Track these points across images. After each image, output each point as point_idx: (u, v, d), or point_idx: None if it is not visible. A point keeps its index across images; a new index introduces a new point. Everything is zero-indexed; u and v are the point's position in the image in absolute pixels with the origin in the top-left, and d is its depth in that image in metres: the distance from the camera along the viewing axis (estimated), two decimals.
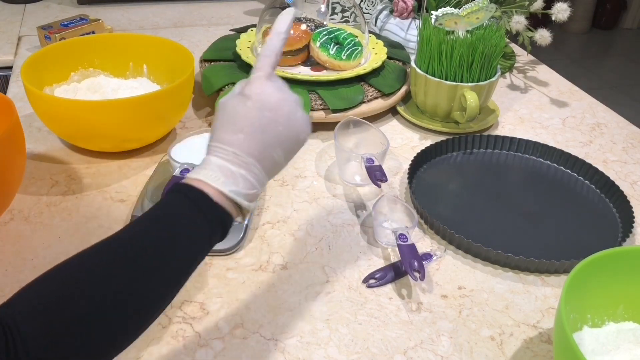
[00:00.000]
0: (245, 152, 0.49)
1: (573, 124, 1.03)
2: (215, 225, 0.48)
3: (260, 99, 0.51)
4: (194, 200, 0.47)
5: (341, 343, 0.59)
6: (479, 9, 0.90)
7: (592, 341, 0.56)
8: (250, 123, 0.50)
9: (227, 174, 0.48)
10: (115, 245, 0.44)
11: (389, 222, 0.74)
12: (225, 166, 0.48)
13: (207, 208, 0.47)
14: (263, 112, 0.50)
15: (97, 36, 1.04)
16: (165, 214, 0.47)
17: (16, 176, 0.69)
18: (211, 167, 0.48)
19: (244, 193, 0.49)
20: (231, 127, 0.50)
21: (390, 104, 0.99)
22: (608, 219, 0.78)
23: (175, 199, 0.48)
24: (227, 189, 0.48)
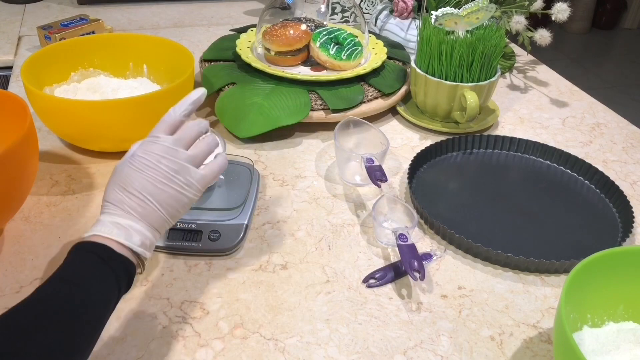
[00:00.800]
0: (127, 207, 0.53)
1: (573, 124, 1.03)
2: (121, 274, 0.51)
3: (141, 160, 0.55)
4: (97, 254, 0.50)
5: (341, 343, 0.59)
6: (479, 9, 0.90)
7: (592, 341, 0.56)
8: (131, 182, 0.53)
9: (119, 227, 0.52)
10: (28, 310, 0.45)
11: (389, 222, 0.74)
12: (115, 221, 0.52)
13: (111, 259, 0.50)
14: (141, 173, 0.54)
15: (97, 36, 1.04)
16: (73, 271, 0.49)
17: (30, 178, 0.69)
18: (104, 224, 0.52)
19: (137, 242, 0.52)
20: (117, 186, 0.54)
21: (390, 104, 0.99)
22: (608, 219, 0.78)
23: (80, 255, 0.50)
24: (123, 239, 0.51)
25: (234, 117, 0.90)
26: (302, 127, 0.94)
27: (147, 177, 0.54)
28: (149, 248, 0.54)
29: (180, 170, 0.55)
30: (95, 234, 0.51)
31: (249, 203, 0.73)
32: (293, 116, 0.90)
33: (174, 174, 0.55)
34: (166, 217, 0.55)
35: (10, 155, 0.62)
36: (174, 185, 0.55)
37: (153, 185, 0.54)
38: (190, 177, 0.56)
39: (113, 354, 0.57)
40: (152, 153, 0.55)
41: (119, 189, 0.54)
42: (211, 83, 0.96)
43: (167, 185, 0.54)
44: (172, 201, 0.55)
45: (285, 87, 0.95)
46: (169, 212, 0.55)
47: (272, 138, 0.92)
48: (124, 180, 0.54)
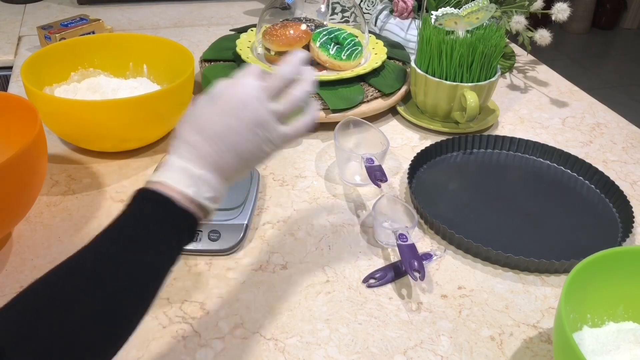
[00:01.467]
0: (204, 153, 0.49)
1: (573, 124, 1.03)
2: (184, 230, 0.48)
3: (227, 105, 0.50)
4: (162, 207, 0.47)
5: (341, 343, 0.59)
6: (479, 9, 0.90)
7: (592, 341, 0.56)
8: (211, 126, 0.49)
9: (190, 177, 0.48)
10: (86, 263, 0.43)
11: (389, 222, 0.74)
12: (187, 167, 0.48)
13: (175, 214, 0.47)
14: (224, 119, 0.50)
15: (97, 36, 1.04)
16: (133, 224, 0.46)
17: (39, 182, 0.69)
18: (173, 169, 0.48)
19: (205, 196, 0.48)
20: (194, 128, 0.50)
21: (390, 104, 0.99)
22: (608, 219, 0.78)
23: (140, 205, 0.47)
24: (191, 192, 0.47)
25: None
26: None
27: (229, 124, 0.50)
28: (217, 201, 0.50)
29: (263, 124, 0.51)
30: (162, 182, 0.47)
31: (249, 203, 0.73)
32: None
33: (255, 127, 0.50)
34: (239, 169, 0.51)
35: (19, 159, 0.62)
36: (254, 138, 0.50)
37: (233, 134, 0.50)
38: (272, 132, 0.51)
39: None
40: (237, 97, 0.50)
41: (196, 131, 0.49)
42: (211, 83, 0.96)
43: (247, 138, 0.50)
44: (248, 154, 0.51)
45: None
46: (242, 165, 0.51)
47: None
48: (202, 122, 0.50)
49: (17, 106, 0.72)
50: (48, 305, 0.40)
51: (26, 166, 0.64)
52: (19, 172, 0.62)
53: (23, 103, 0.71)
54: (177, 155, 0.49)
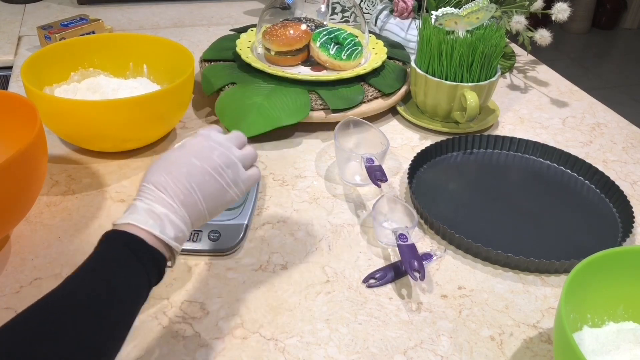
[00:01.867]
0: (170, 193, 0.51)
1: (573, 124, 1.03)
2: (152, 267, 0.49)
3: (193, 148, 0.53)
4: (128, 245, 0.48)
5: (341, 343, 0.59)
6: (479, 9, 0.90)
7: (592, 341, 0.56)
8: (178, 167, 0.52)
9: (154, 217, 0.49)
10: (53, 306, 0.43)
11: (389, 222, 0.74)
12: (152, 209, 0.50)
13: (142, 252, 0.48)
14: (191, 159, 0.52)
15: (97, 36, 1.04)
16: (103, 264, 0.47)
17: (39, 182, 0.68)
18: (139, 212, 0.49)
19: (170, 235, 0.50)
20: (162, 170, 0.52)
21: (390, 104, 0.99)
22: (608, 219, 0.78)
23: (110, 247, 0.48)
24: (157, 231, 0.49)
25: (234, 117, 0.90)
26: (302, 127, 0.94)
27: (197, 166, 0.52)
28: (181, 241, 0.51)
29: (232, 165, 0.54)
30: (128, 223, 0.49)
31: (249, 203, 0.73)
32: (293, 116, 0.90)
33: (225, 168, 0.53)
34: (205, 213, 0.53)
35: (19, 160, 0.61)
36: (222, 180, 0.53)
37: (201, 175, 0.52)
38: (238, 175, 0.55)
39: None
40: (206, 143, 0.53)
41: (165, 172, 0.51)
42: (211, 83, 0.96)
43: (215, 178, 0.52)
44: (216, 196, 0.53)
45: (285, 87, 0.95)
46: (209, 208, 0.53)
47: (272, 138, 0.92)
48: (171, 165, 0.52)
49: (17, 105, 0.72)
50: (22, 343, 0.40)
51: (26, 166, 0.64)
52: (18, 172, 0.62)
53: (23, 102, 0.71)
54: (141, 199, 0.51)
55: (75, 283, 0.45)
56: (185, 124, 0.95)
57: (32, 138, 0.63)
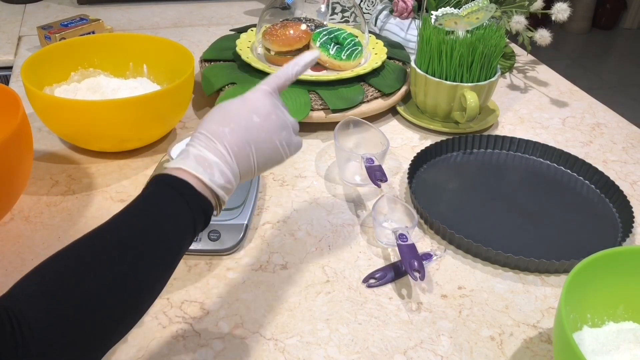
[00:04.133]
0: (225, 143, 0.51)
1: (573, 124, 1.03)
2: (199, 213, 0.49)
3: (255, 104, 0.54)
4: (177, 189, 0.48)
5: (341, 343, 0.59)
6: (479, 9, 0.90)
7: (592, 341, 0.56)
8: (237, 120, 0.52)
9: (205, 165, 0.49)
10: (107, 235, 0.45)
11: (389, 222, 0.74)
12: (203, 156, 0.50)
13: (190, 197, 0.48)
14: (252, 116, 0.53)
15: (97, 36, 1.04)
16: (152, 203, 0.48)
17: (24, 175, 0.68)
18: (190, 158, 0.50)
19: (219, 183, 0.50)
20: (220, 120, 0.52)
21: (390, 104, 0.99)
22: (608, 219, 0.78)
23: (159, 189, 0.48)
24: (207, 178, 0.49)
25: None
26: (302, 127, 0.93)
27: (256, 122, 0.53)
28: (228, 192, 0.51)
29: (286, 128, 0.55)
30: (179, 167, 0.49)
31: (249, 203, 0.73)
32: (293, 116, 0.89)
33: (281, 129, 0.54)
34: (255, 168, 0.53)
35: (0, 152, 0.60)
36: (277, 140, 0.54)
37: (258, 132, 0.53)
38: (291, 138, 0.56)
39: (113, 354, 0.57)
40: (268, 101, 0.54)
41: (223, 123, 0.52)
42: (211, 83, 0.96)
43: (270, 137, 0.53)
44: (268, 153, 0.54)
45: None
46: (259, 163, 0.53)
47: None
48: (229, 117, 0.52)
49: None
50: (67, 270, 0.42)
51: (7, 159, 0.62)
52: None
53: (4, 91, 0.69)
54: (195, 145, 0.51)
55: (123, 220, 0.46)
56: (185, 124, 0.95)
57: (13, 129, 0.62)
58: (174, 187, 0.48)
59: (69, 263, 0.43)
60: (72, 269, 0.42)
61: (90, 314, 0.41)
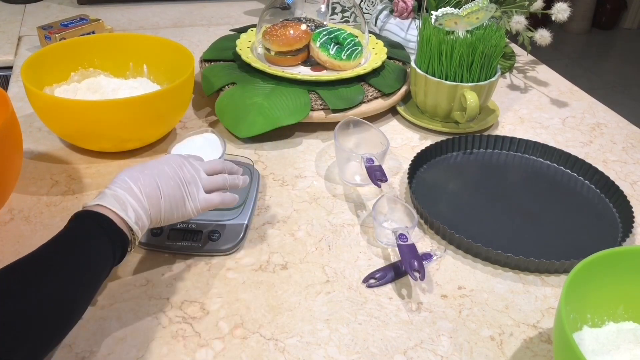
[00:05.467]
0: (139, 184, 0.58)
1: (573, 124, 1.03)
2: (117, 245, 0.55)
3: (168, 159, 0.62)
4: (98, 222, 0.54)
5: (341, 343, 0.59)
6: (479, 9, 0.90)
7: (592, 341, 0.56)
8: (151, 168, 0.60)
9: (120, 202, 0.56)
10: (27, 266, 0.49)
11: (389, 222, 0.74)
12: (117, 194, 0.56)
13: (109, 228, 0.54)
14: (164, 166, 0.60)
15: (97, 36, 1.04)
16: (74, 234, 0.54)
17: (13, 173, 0.68)
18: (106, 196, 0.56)
19: (134, 219, 0.56)
20: (136, 169, 0.60)
21: (390, 104, 0.99)
22: (608, 219, 0.78)
23: (82, 222, 0.54)
24: (123, 214, 0.55)
25: (234, 117, 0.90)
26: (302, 127, 0.94)
27: (166, 171, 0.60)
28: (141, 228, 0.57)
29: (193, 184, 0.61)
30: (97, 204, 0.55)
31: (249, 203, 0.73)
32: (293, 116, 0.90)
33: (187, 183, 0.61)
34: (162, 213, 0.59)
35: None
36: (183, 191, 0.60)
37: (167, 179, 0.59)
38: (197, 193, 0.62)
39: (113, 354, 0.57)
40: (180, 160, 0.62)
41: (138, 170, 0.59)
42: (211, 83, 0.96)
43: (178, 186, 0.60)
44: (174, 201, 0.60)
45: (285, 87, 0.95)
46: (166, 210, 0.59)
47: (272, 138, 0.92)
48: (144, 166, 0.60)
49: None
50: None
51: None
52: None
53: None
54: (111, 187, 0.57)
55: (47, 249, 0.51)
56: (185, 124, 0.95)
57: (0, 127, 0.62)
58: (95, 219, 0.54)
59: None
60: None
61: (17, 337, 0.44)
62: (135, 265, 0.67)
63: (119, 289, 0.64)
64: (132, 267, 0.67)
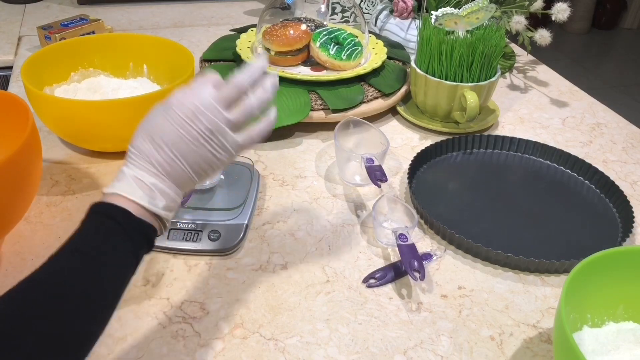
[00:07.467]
0: (156, 163, 0.49)
1: (573, 124, 1.03)
2: (140, 239, 0.48)
3: (178, 111, 0.50)
4: (115, 219, 0.47)
5: (341, 343, 0.59)
6: (479, 9, 0.90)
7: (592, 341, 0.56)
8: (161, 135, 0.49)
9: (144, 187, 0.48)
10: (39, 285, 0.43)
11: (389, 222, 0.74)
12: (139, 177, 0.48)
13: (129, 224, 0.47)
14: (176, 127, 0.50)
15: (97, 36, 1.04)
16: (88, 240, 0.46)
17: (33, 185, 0.66)
18: (126, 180, 0.48)
19: (162, 205, 0.49)
20: (146, 134, 0.50)
21: (390, 104, 0.99)
22: (608, 219, 0.78)
23: (97, 223, 0.47)
24: (146, 202, 0.48)
25: None
26: (302, 127, 0.94)
27: (180, 133, 0.49)
28: (172, 209, 0.50)
29: (217, 132, 0.50)
30: (116, 193, 0.48)
31: (249, 203, 0.73)
32: (293, 116, 0.90)
33: (210, 135, 0.50)
34: (193, 176, 0.51)
35: (10, 163, 0.59)
36: (208, 146, 0.50)
37: (185, 143, 0.49)
38: (226, 140, 0.51)
39: (113, 354, 0.57)
40: (191, 106, 0.50)
41: (149, 139, 0.50)
42: None
43: (200, 145, 0.50)
44: (202, 162, 0.51)
45: (285, 87, 0.95)
46: (196, 172, 0.51)
47: (272, 138, 0.92)
48: (154, 130, 0.50)
49: (7, 104, 0.70)
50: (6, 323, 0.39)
51: (18, 170, 0.61)
52: (10, 176, 0.60)
53: (13, 100, 0.69)
54: (130, 165, 0.49)
55: (61, 262, 0.45)
56: None
57: (24, 139, 0.61)
58: (112, 217, 0.47)
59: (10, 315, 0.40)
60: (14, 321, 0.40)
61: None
62: None
63: None
64: None
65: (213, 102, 0.50)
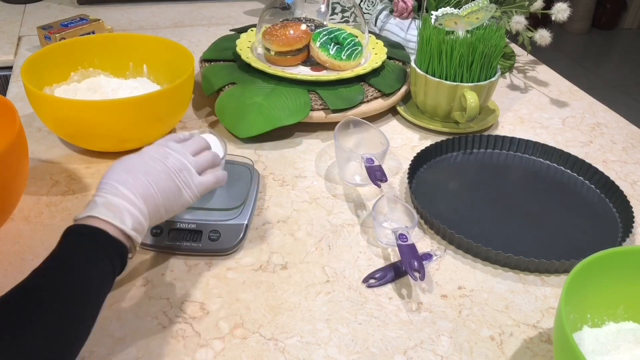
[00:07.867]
0: (130, 187, 0.55)
1: (573, 124, 1.03)
2: (115, 257, 0.52)
3: (149, 153, 0.59)
4: (92, 237, 0.51)
5: (341, 343, 0.59)
6: (479, 9, 0.90)
7: (592, 341, 0.56)
8: (136, 167, 0.57)
9: (113, 209, 0.53)
10: (22, 300, 0.45)
11: (389, 222, 0.74)
12: (110, 202, 0.53)
13: (105, 242, 0.51)
14: (148, 161, 0.58)
15: (97, 36, 1.04)
16: (67, 256, 0.50)
17: (21, 182, 0.68)
18: (97, 205, 0.53)
19: (130, 226, 0.53)
20: (120, 170, 0.56)
21: (390, 104, 0.99)
22: (608, 219, 0.78)
23: (73, 239, 0.51)
24: (117, 222, 0.52)
25: (234, 117, 0.90)
26: (302, 127, 0.94)
27: (153, 167, 0.57)
28: (140, 232, 0.55)
29: (184, 170, 0.59)
30: (89, 216, 0.52)
31: (249, 203, 0.73)
32: (293, 116, 0.90)
33: (178, 171, 0.58)
34: (162, 208, 0.57)
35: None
36: (176, 181, 0.58)
37: (157, 174, 0.57)
38: (191, 179, 0.60)
39: (113, 354, 0.57)
40: (162, 150, 0.59)
41: (124, 171, 0.56)
42: (211, 83, 0.96)
43: (170, 178, 0.58)
44: (171, 194, 0.58)
45: (285, 87, 0.95)
46: (165, 205, 0.57)
47: (272, 138, 0.92)
48: (129, 165, 0.57)
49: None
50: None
51: (5, 170, 0.62)
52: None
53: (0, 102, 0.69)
54: (100, 194, 0.54)
55: (42, 277, 0.48)
56: (185, 124, 0.95)
57: (10, 141, 0.62)
58: (89, 236, 0.51)
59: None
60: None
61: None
62: (135, 265, 0.67)
63: (119, 289, 0.64)
64: (132, 267, 0.67)
65: (180, 148, 0.61)
